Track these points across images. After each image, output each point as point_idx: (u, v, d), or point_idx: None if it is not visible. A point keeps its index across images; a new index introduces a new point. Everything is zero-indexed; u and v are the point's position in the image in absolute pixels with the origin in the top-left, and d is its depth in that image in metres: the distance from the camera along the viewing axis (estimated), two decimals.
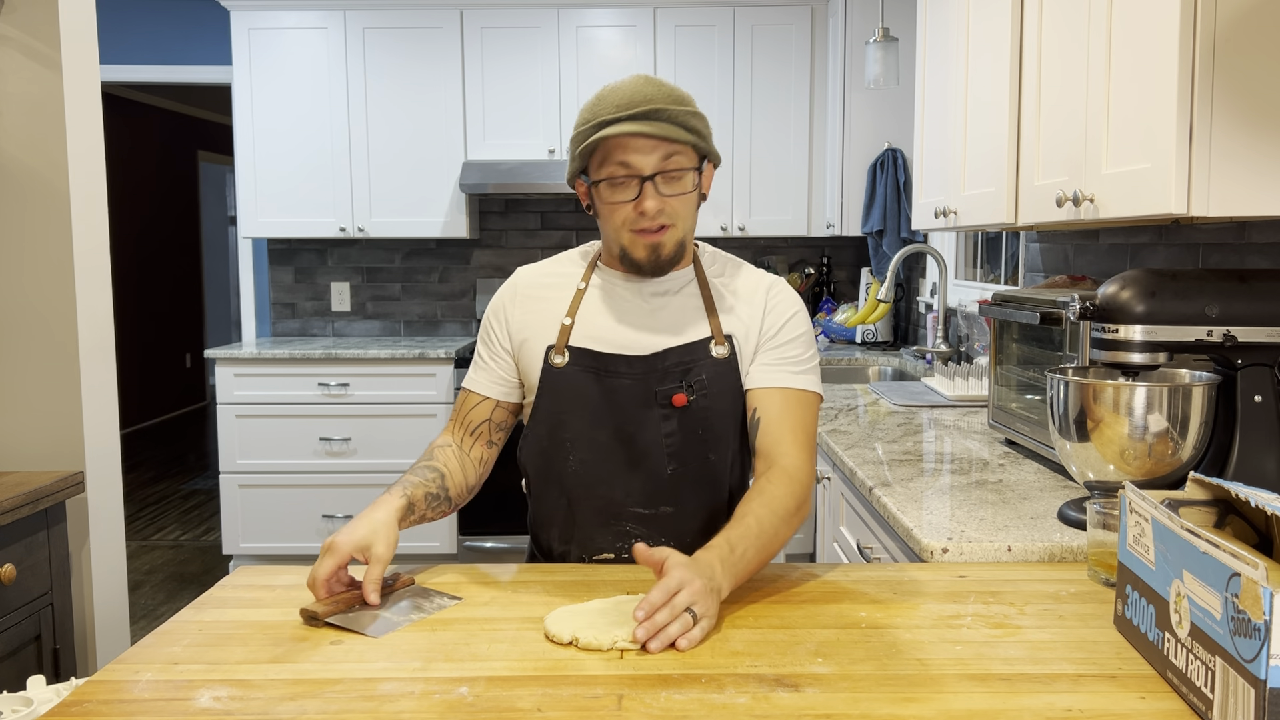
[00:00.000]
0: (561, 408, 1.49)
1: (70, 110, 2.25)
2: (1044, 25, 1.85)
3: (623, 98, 1.40)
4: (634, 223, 1.43)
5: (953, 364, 3.21)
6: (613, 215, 1.45)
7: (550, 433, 1.50)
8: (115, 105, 7.13)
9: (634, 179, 1.41)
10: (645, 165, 1.40)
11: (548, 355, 1.49)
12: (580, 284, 1.54)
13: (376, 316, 4.84)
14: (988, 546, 1.43)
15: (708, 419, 1.47)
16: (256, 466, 4.21)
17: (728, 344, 1.49)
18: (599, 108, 1.41)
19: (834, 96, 4.20)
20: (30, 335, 2.26)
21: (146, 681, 1.05)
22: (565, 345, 1.49)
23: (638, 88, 1.41)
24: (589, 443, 1.48)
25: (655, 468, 1.47)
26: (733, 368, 1.49)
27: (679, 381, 1.46)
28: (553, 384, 1.49)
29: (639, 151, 1.39)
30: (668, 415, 1.47)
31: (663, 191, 1.41)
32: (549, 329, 1.51)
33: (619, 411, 1.47)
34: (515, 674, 1.05)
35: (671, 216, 1.43)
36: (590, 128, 1.41)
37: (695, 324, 1.50)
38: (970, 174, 2.22)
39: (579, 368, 1.48)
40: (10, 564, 1.97)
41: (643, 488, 1.48)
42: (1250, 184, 1.33)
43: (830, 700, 0.98)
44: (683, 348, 1.48)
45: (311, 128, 4.39)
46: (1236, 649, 0.87)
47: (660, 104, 1.40)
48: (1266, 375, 1.37)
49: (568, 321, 1.50)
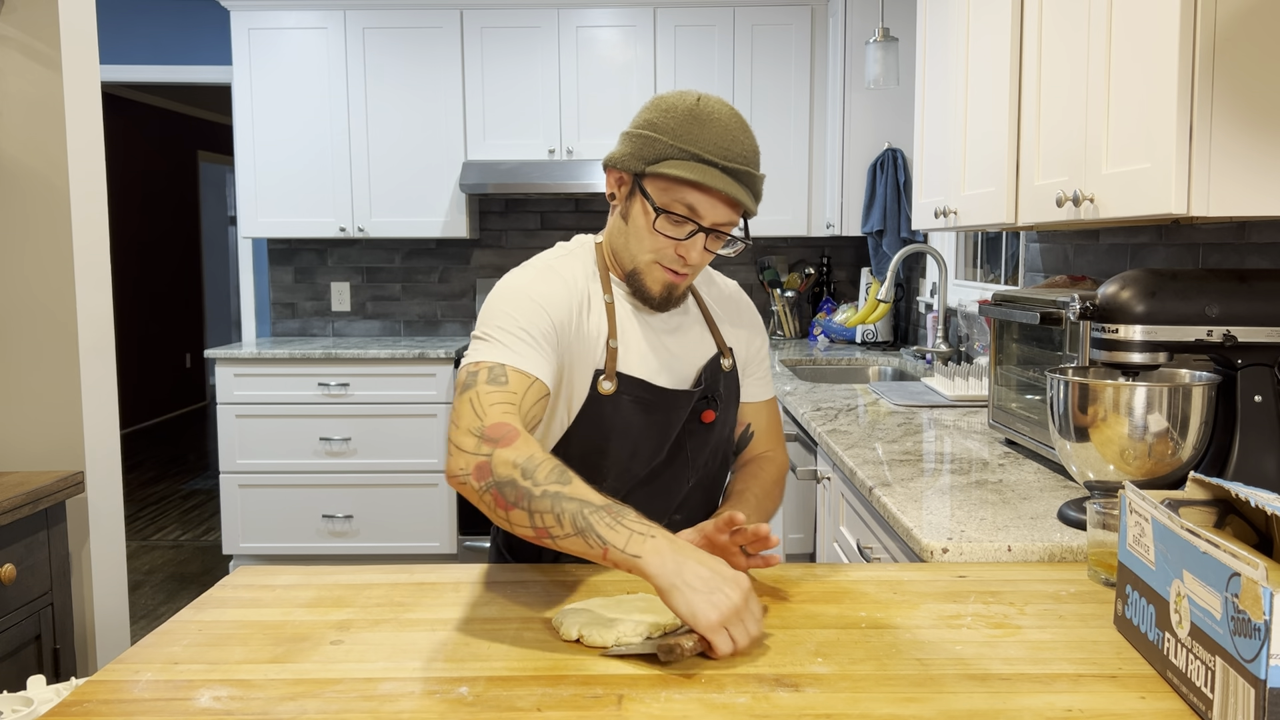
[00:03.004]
0: (604, 436, 1.40)
1: (70, 110, 2.25)
2: (1044, 25, 1.85)
3: (726, 140, 1.33)
4: (669, 260, 1.38)
5: (953, 364, 3.21)
6: (649, 240, 1.38)
7: (584, 457, 1.38)
8: (115, 105, 7.13)
9: (690, 223, 1.35)
10: (708, 219, 1.35)
11: (596, 380, 1.39)
12: (605, 297, 1.42)
13: (376, 316, 4.84)
14: (988, 546, 1.43)
15: (723, 430, 1.53)
16: (256, 466, 4.21)
17: (731, 356, 1.54)
18: (698, 134, 1.32)
19: (834, 96, 4.20)
20: (30, 335, 2.26)
21: (146, 681, 1.05)
22: (616, 372, 1.39)
23: (737, 136, 1.34)
24: (624, 471, 1.44)
25: (677, 482, 1.49)
26: (735, 377, 1.55)
27: (706, 398, 1.48)
28: (598, 411, 1.39)
29: (714, 206, 1.34)
30: (693, 432, 1.49)
31: (708, 247, 1.38)
32: (593, 348, 1.39)
33: (661, 441, 1.45)
34: (515, 674, 1.05)
35: (697, 266, 1.41)
36: (678, 150, 1.32)
37: (705, 341, 1.52)
38: (970, 174, 2.22)
39: (629, 398, 1.40)
40: (10, 564, 1.97)
41: (660, 502, 1.47)
42: (1250, 184, 1.33)
43: (830, 700, 0.98)
44: (707, 367, 1.49)
45: (311, 128, 4.40)
46: (1236, 649, 0.87)
47: (752, 166, 1.35)
48: (1266, 375, 1.37)
49: (614, 345, 1.39)
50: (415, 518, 4.21)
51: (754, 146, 1.37)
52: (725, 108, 1.37)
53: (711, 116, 1.34)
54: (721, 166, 1.32)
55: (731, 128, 1.34)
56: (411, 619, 1.21)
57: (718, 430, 1.51)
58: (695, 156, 1.32)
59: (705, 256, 1.39)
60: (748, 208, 1.35)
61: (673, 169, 1.32)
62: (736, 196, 1.32)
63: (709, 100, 1.37)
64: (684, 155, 1.33)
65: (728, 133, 1.34)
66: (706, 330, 1.52)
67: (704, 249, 1.37)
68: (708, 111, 1.35)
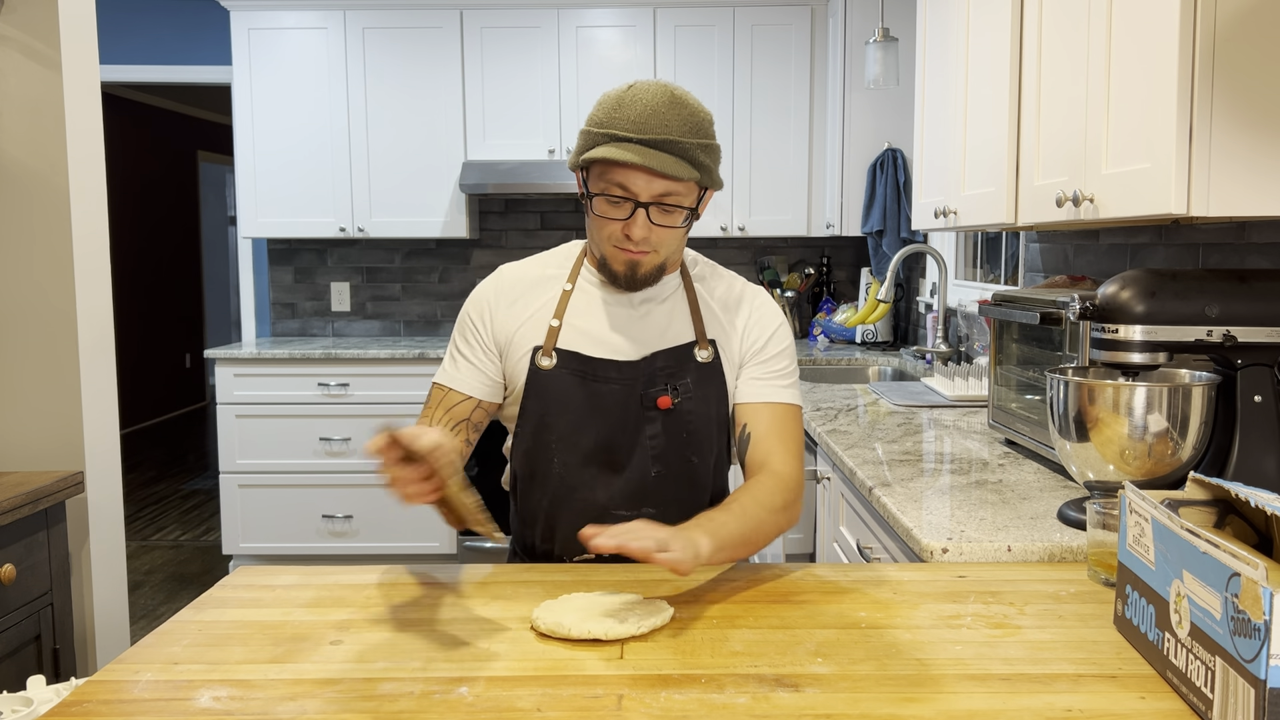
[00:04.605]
0: (547, 410, 1.48)
1: (70, 110, 2.25)
2: (1044, 25, 1.85)
3: (641, 115, 1.36)
4: (619, 240, 1.42)
5: (952, 364, 3.21)
6: (600, 226, 1.43)
7: (535, 434, 1.49)
8: (115, 105, 7.13)
9: (628, 201, 1.39)
10: (642, 193, 1.38)
11: (535, 357, 1.47)
12: (566, 285, 1.51)
13: (376, 316, 4.84)
14: (988, 546, 1.43)
15: (691, 422, 1.49)
16: (256, 466, 4.21)
17: (711, 349, 1.50)
18: (617, 115, 1.37)
19: (834, 97, 4.20)
20: (30, 335, 2.26)
21: (146, 681, 1.05)
22: (554, 348, 1.47)
23: (658, 110, 1.36)
24: (573, 446, 1.48)
25: (639, 470, 1.48)
26: (716, 371, 1.50)
27: (665, 385, 1.47)
28: (539, 386, 1.47)
29: (639, 180, 1.37)
30: (653, 418, 1.48)
31: (655, 221, 1.40)
32: (535, 330, 1.49)
33: (605, 415, 1.47)
34: (515, 674, 1.05)
35: (656, 244, 1.42)
36: (600, 135, 1.38)
37: (680, 329, 1.51)
38: (970, 174, 2.22)
39: (566, 370, 1.47)
40: (10, 564, 1.97)
41: (625, 489, 1.48)
42: (1250, 184, 1.33)
43: (830, 700, 0.98)
44: (668, 352, 1.48)
45: (311, 128, 4.39)
46: (1236, 649, 0.87)
47: (676, 134, 1.36)
48: (1266, 375, 1.37)
49: (555, 323, 1.48)
50: (415, 518, 4.21)
51: (685, 116, 1.38)
52: (656, 87, 1.40)
53: (635, 98, 1.38)
54: (639, 140, 1.36)
55: (656, 104, 1.37)
56: (411, 619, 1.21)
57: (683, 421, 1.48)
58: (613, 137, 1.37)
59: (657, 230, 1.41)
60: (676, 175, 1.36)
61: (596, 153, 1.37)
62: (659, 167, 1.35)
63: (640, 85, 1.41)
64: (605, 139, 1.37)
65: (648, 109, 1.37)
66: (688, 319, 1.51)
67: (651, 223, 1.40)
68: (634, 95, 1.39)
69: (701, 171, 1.39)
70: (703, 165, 1.39)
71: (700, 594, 1.28)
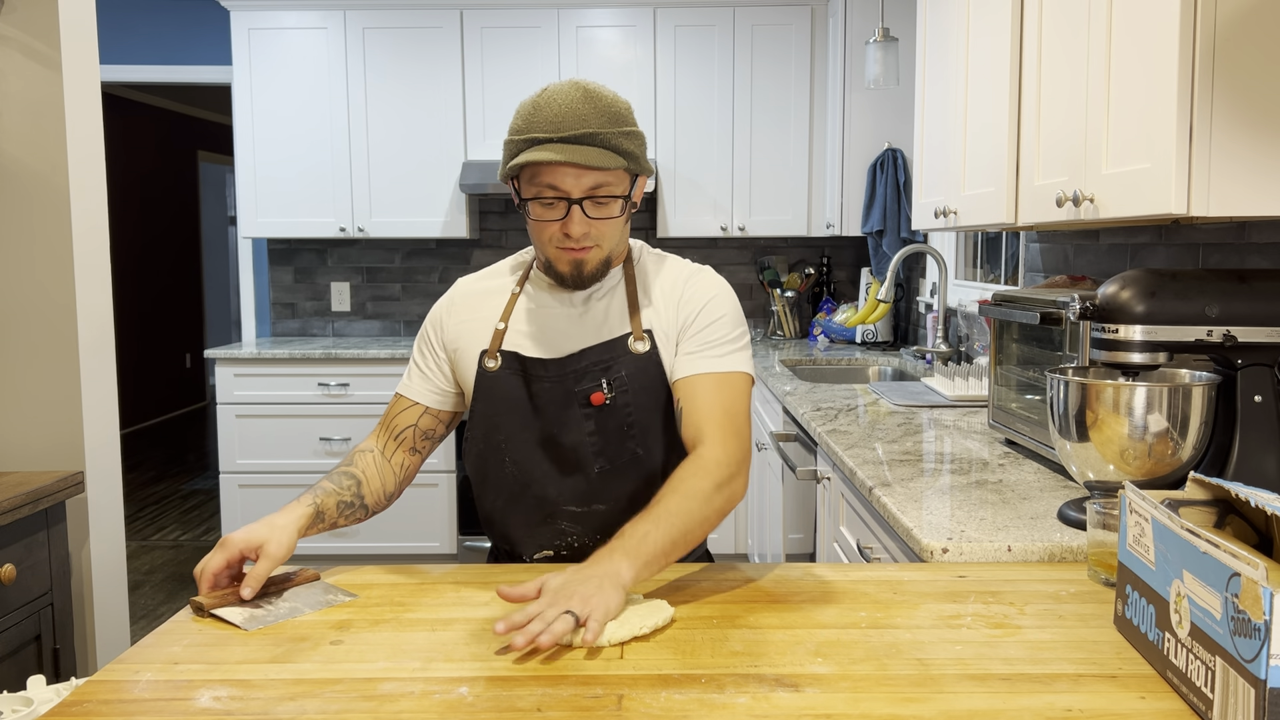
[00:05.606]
0: (494, 410, 1.51)
1: (70, 110, 2.25)
2: (1044, 25, 1.85)
3: (557, 114, 1.37)
4: (559, 241, 1.43)
5: (953, 364, 3.21)
6: (540, 230, 1.44)
7: (485, 435, 1.52)
8: (115, 105, 7.13)
9: (562, 200, 1.39)
10: (573, 190, 1.39)
11: (481, 360, 1.51)
12: (515, 289, 1.55)
13: (376, 316, 4.84)
14: (988, 546, 1.43)
15: (630, 415, 1.48)
16: (256, 466, 4.21)
17: (648, 338, 1.49)
18: (534, 119, 1.38)
19: (834, 96, 4.20)
20: (30, 335, 2.26)
21: (146, 681, 1.05)
22: (498, 350, 1.51)
23: (573, 106, 1.37)
24: (521, 444, 1.51)
25: (584, 467, 1.49)
26: (654, 361, 1.49)
27: (597, 381, 1.48)
28: (486, 388, 1.51)
29: (568, 177, 1.38)
30: (588, 415, 1.48)
31: (590, 215, 1.41)
32: (483, 335, 1.53)
33: (544, 413, 1.50)
34: (515, 674, 1.05)
35: (597, 238, 1.43)
36: (522, 141, 1.38)
37: (619, 323, 1.51)
38: (970, 174, 2.22)
39: (509, 371, 1.50)
40: (10, 564, 1.97)
41: (574, 487, 1.50)
42: (1250, 184, 1.33)
43: (830, 700, 0.98)
44: (599, 347, 1.49)
45: (311, 128, 4.40)
46: (1236, 649, 0.87)
47: (595, 126, 1.37)
48: (1266, 375, 1.37)
49: (501, 326, 1.52)
50: (415, 518, 4.21)
51: (602, 108, 1.39)
52: (568, 86, 1.41)
53: (550, 100, 1.39)
54: (559, 139, 1.36)
55: (570, 101, 1.38)
56: (411, 619, 1.22)
57: (620, 415, 1.47)
58: (534, 141, 1.38)
59: (595, 225, 1.41)
60: (602, 165, 1.37)
61: (521, 159, 1.38)
62: (584, 160, 1.35)
63: (552, 87, 1.42)
64: (527, 144, 1.38)
65: (564, 107, 1.37)
66: (626, 313, 1.51)
67: (588, 218, 1.41)
68: (548, 97, 1.40)
69: (628, 159, 1.41)
70: (627, 152, 1.41)
71: (700, 594, 1.28)
